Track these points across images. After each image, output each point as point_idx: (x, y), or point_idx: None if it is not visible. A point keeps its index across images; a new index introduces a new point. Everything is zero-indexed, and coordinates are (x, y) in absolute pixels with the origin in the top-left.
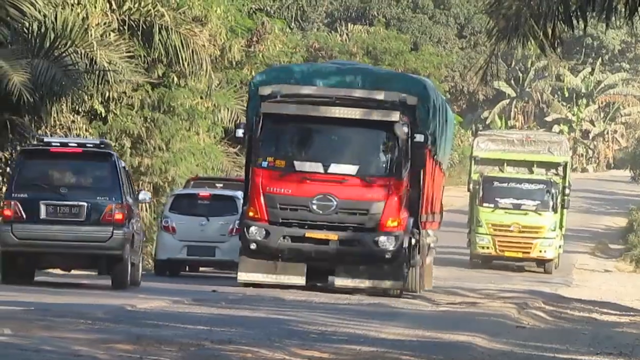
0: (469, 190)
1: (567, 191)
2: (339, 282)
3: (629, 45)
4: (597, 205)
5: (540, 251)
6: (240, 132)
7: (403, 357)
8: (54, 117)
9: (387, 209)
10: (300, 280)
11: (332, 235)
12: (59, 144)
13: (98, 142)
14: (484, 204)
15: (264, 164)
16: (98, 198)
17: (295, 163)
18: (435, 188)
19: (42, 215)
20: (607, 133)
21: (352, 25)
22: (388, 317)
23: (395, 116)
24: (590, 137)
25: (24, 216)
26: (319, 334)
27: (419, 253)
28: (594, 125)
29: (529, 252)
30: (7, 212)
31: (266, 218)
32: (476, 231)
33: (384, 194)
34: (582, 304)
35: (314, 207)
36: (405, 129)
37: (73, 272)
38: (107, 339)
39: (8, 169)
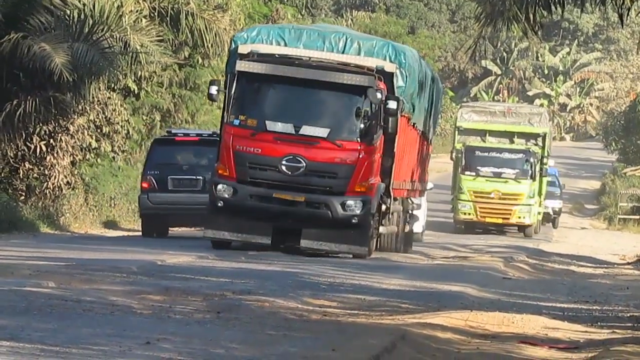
0: (451, 158)
1: (545, 160)
2: (305, 243)
3: (601, 28)
4: (573, 170)
5: (519, 217)
6: (214, 89)
7: (402, 305)
8: (92, 94)
9: (356, 174)
10: (266, 240)
11: (299, 197)
12: (182, 134)
13: (211, 132)
14: (466, 172)
15: (236, 122)
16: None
17: (267, 123)
18: (414, 156)
19: (170, 186)
20: (583, 106)
21: (356, 11)
22: (389, 270)
23: (370, 81)
24: (567, 110)
25: (157, 187)
26: (328, 285)
27: (390, 220)
28: (570, 100)
29: (508, 218)
30: (144, 185)
31: (235, 176)
32: (458, 198)
33: (354, 159)
34: (561, 257)
35: (283, 167)
36: (379, 95)
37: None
38: (140, 291)
39: (52, 140)
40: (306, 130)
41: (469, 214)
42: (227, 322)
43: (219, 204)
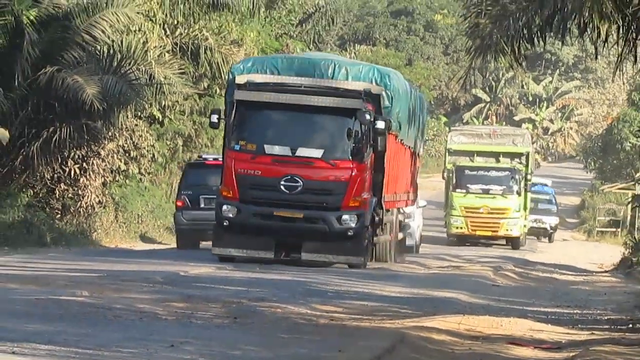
0: (443, 178)
1: (529, 177)
2: (305, 256)
3: (580, 59)
4: (556, 187)
5: (507, 230)
6: (215, 118)
7: (402, 310)
8: (121, 122)
9: (350, 190)
10: (269, 255)
11: (298, 214)
12: (212, 159)
13: None
14: (457, 190)
15: (237, 147)
16: None
17: (265, 146)
18: (403, 170)
19: (201, 205)
20: (563, 129)
21: (358, 45)
22: (389, 278)
23: (359, 104)
24: (550, 133)
25: (190, 205)
26: (334, 292)
27: (383, 230)
28: (553, 124)
29: (497, 231)
30: (179, 203)
31: (238, 197)
32: (451, 214)
33: (347, 176)
34: (545, 266)
35: (282, 187)
36: (367, 116)
37: None
38: (165, 299)
39: (84, 164)
40: (302, 151)
41: (461, 227)
42: (244, 327)
43: (225, 223)
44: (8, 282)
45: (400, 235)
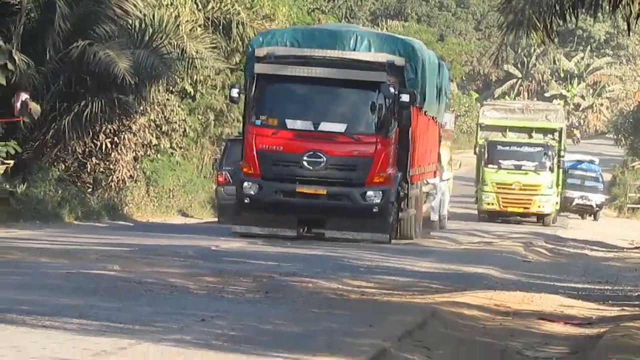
0: (475, 153)
1: (562, 153)
2: (329, 233)
3: (612, 35)
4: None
5: (539, 206)
6: (235, 92)
7: (433, 285)
8: (152, 96)
9: (374, 165)
10: (292, 232)
11: (322, 190)
12: None
13: None
14: (489, 165)
15: (258, 122)
16: None
17: (287, 121)
18: (427, 141)
19: None
20: (595, 106)
21: (390, 20)
22: (420, 254)
23: (382, 77)
24: (581, 110)
25: (230, 181)
26: (365, 267)
27: (408, 205)
28: (584, 100)
29: (529, 208)
30: (221, 179)
31: (259, 173)
32: (482, 189)
33: (371, 151)
34: (576, 242)
35: (305, 163)
36: (392, 89)
37: None
38: (196, 273)
39: (116, 138)
40: (324, 126)
41: (492, 204)
42: (275, 301)
43: (246, 201)
44: (39, 256)
45: (425, 209)
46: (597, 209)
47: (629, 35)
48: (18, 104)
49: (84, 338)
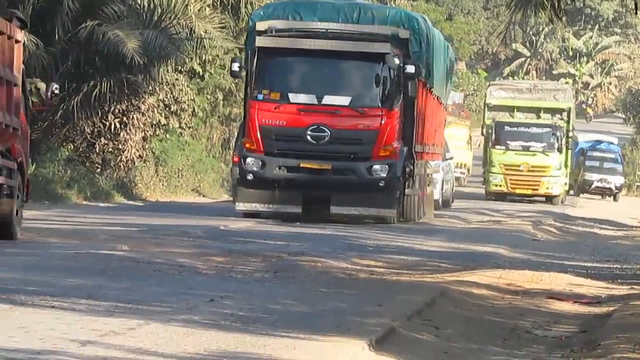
0: (482, 134)
1: (570, 134)
2: (334, 209)
3: (620, 14)
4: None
5: (548, 188)
6: (236, 66)
7: (442, 264)
8: (161, 76)
9: (380, 139)
10: (297, 209)
11: (326, 165)
12: None
13: None
14: (497, 147)
15: (260, 96)
16: None
17: (290, 95)
18: (432, 120)
19: None
20: (603, 84)
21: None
22: (430, 233)
23: (386, 48)
24: (590, 88)
25: None
26: (374, 247)
27: (414, 182)
28: (592, 79)
29: (537, 189)
30: (235, 159)
31: (262, 149)
32: (490, 171)
33: (377, 124)
34: (585, 221)
35: (308, 137)
36: (397, 61)
37: None
38: (205, 253)
39: (125, 118)
40: (328, 99)
41: (500, 185)
42: (284, 281)
43: (249, 177)
44: (48, 236)
45: (428, 190)
46: (617, 191)
47: (636, 14)
48: (49, 93)
49: (92, 318)
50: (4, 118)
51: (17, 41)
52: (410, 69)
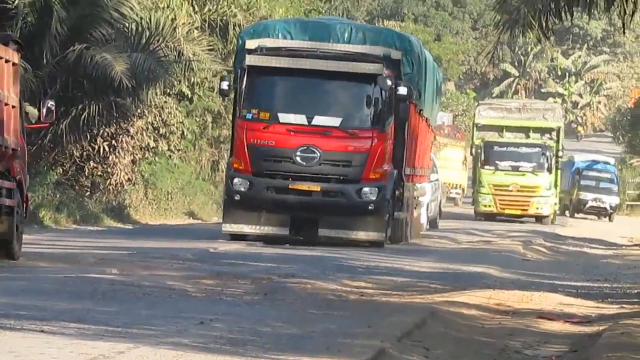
0: (471, 154)
1: (560, 153)
2: (323, 232)
3: (608, 32)
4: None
5: (537, 208)
6: (225, 85)
7: (431, 285)
8: (150, 99)
9: (370, 161)
10: (285, 231)
11: (315, 187)
12: None
13: None
14: (486, 167)
15: (249, 115)
16: None
17: (279, 115)
18: (421, 142)
19: None
20: (592, 103)
21: (387, 21)
22: (419, 254)
23: (379, 69)
24: (579, 108)
25: None
26: (364, 268)
27: (402, 205)
28: (581, 98)
29: (527, 209)
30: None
31: (250, 169)
32: (479, 191)
33: (367, 146)
34: (575, 240)
35: (298, 158)
36: (389, 82)
37: None
38: (195, 276)
39: (114, 141)
40: (319, 120)
41: (489, 206)
42: (274, 303)
43: (236, 198)
44: (38, 260)
45: (415, 213)
46: (612, 211)
47: (624, 33)
48: (44, 110)
49: (81, 342)
50: (3, 140)
51: (14, 64)
52: (403, 90)
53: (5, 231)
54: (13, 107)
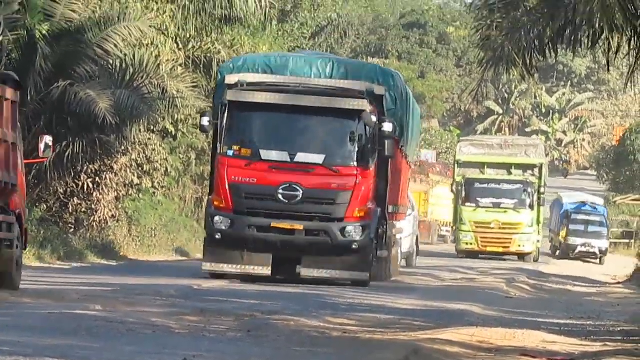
0: (452, 191)
1: (542, 190)
2: (305, 272)
3: (593, 70)
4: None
5: (519, 245)
6: (205, 121)
7: (415, 322)
8: (134, 136)
9: (354, 199)
10: (266, 271)
11: (298, 225)
12: None
13: None
14: (467, 204)
15: (230, 152)
16: None
17: (261, 152)
18: (403, 180)
19: None
20: (577, 141)
21: (371, 58)
22: (402, 291)
23: (363, 105)
24: (563, 145)
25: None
26: (347, 305)
27: (385, 244)
28: (566, 135)
29: (509, 247)
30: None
31: (231, 207)
32: (460, 229)
33: (351, 184)
34: (559, 278)
35: (280, 196)
36: (374, 118)
37: None
38: (178, 312)
39: (97, 178)
40: (301, 157)
41: (471, 243)
42: (257, 340)
43: (217, 236)
44: (22, 296)
45: (394, 251)
46: (601, 255)
47: (608, 70)
48: (42, 145)
49: None
50: (3, 177)
51: (13, 102)
52: (388, 127)
53: (6, 264)
54: (12, 144)
